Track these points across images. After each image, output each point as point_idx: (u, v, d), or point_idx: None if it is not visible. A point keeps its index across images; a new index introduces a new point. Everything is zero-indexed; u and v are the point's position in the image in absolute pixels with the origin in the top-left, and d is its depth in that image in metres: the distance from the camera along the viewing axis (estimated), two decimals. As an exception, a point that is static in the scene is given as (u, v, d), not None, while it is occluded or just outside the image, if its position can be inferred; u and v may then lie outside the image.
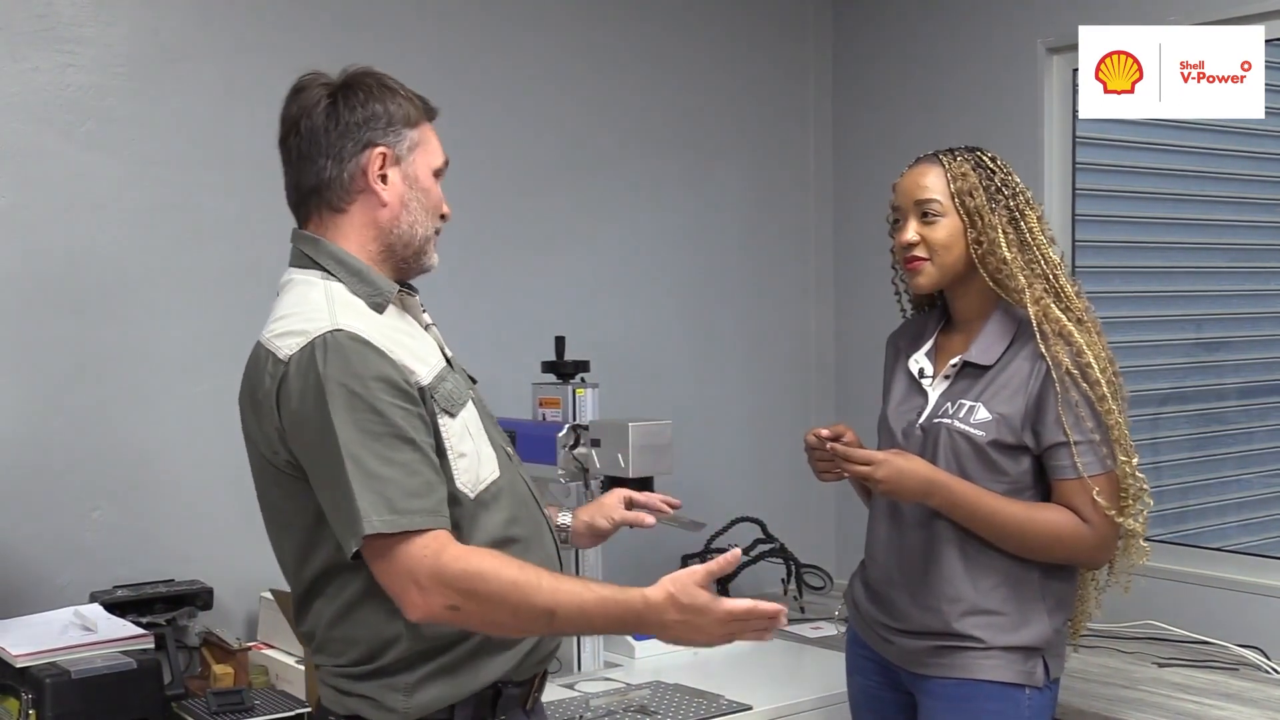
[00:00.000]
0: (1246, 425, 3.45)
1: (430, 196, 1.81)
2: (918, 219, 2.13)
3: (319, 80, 1.80)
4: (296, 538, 1.72)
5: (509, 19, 3.22)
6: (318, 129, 1.76)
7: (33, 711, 2.19)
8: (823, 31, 3.81)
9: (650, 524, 2.05)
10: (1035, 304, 2.07)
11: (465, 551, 1.63)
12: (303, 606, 1.76)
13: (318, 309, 1.69)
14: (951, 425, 2.11)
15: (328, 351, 1.63)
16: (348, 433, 1.60)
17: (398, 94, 1.78)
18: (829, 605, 3.33)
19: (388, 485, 1.60)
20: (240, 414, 1.77)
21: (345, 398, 1.61)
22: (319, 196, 1.78)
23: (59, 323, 2.62)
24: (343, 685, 1.72)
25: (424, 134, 1.81)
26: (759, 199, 3.72)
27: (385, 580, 1.63)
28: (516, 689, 1.78)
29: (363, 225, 1.77)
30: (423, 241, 1.80)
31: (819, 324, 3.83)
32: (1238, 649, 2.78)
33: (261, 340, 1.72)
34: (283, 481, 1.70)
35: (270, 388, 1.66)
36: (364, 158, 1.75)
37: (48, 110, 2.60)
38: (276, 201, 2.86)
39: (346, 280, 1.74)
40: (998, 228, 2.08)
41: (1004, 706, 2.09)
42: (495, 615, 1.62)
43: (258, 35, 2.85)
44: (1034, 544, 2.07)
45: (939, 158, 2.15)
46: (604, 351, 3.06)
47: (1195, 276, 3.58)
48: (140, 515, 2.70)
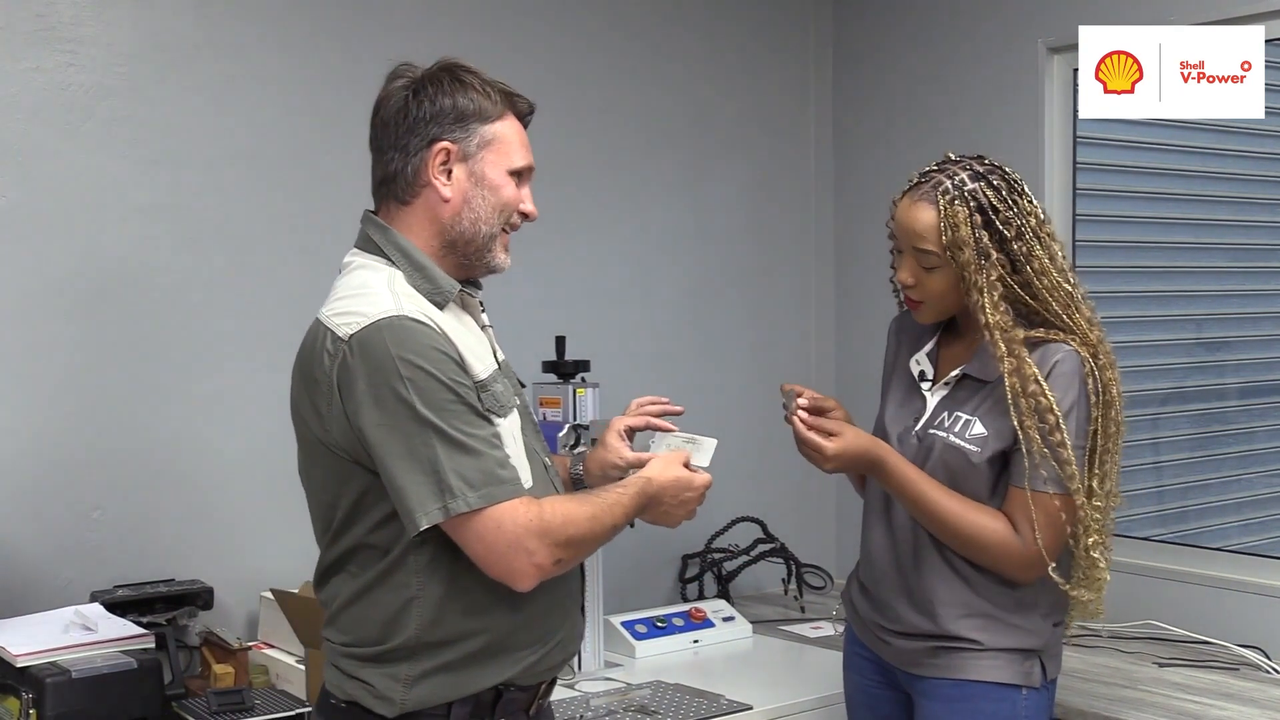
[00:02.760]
0: (1247, 425, 3.44)
1: (499, 195, 1.79)
2: (914, 262, 2.07)
3: (405, 73, 1.80)
4: (333, 514, 1.74)
5: (509, 20, 3.22)
6: (389, 121, 1.78)
7: (33, 711, 2.20)
8: (823, 31, 3.81)
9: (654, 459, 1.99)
10: (1011, 375, 1.99)
11: (551, 504, 1.70)
12: (324, 578, 1.79)
13: (381, 294, 1.70)
14: (946, 439, 2.10)
15: (395, 333, 1.65)
16: (428, 410, 1.63)
17: (471, 88, 1.77)
18: (829, 605, 3.33)
19: (481, 458, 1.65)
20: (291, 388, 1.78)
21: (420, 376, 1.64)
22: (388, 187, 1.80)
23: (59, 323, 2.62)
24: (346, 666, 1.74)
25: (500, 131, 1.79)
26: (759, 199, 3.72)
27: (488, 555, 1.66)
28: (520, 693, 1.78)
29: (425, 220, 1.78)
30: (486, 240, 1.79)
31: (819, 324, 3.83)
32: (1238, 649, 2.79)
33: (320, 317, 1.74)
34: (330, 459, 1.72)
35: (329, 366, 1.68)
36: (428, 152, 1.76)
37: (48, 110, 2.60)
38: (276, 201, 2.88)
39: (408, 273, 1.75)
40: (984, 290, 1.99)
41: (1000, 707, 2.09)
42: (585, 551, 1.75)
43: (258, 35, 2.85)
44: (963, 542, 2.05)
45: (936, 197, 2.02)
46: (604, 351, 3.06)
47: (1196, 276, 3.57)
48: (141, 515, 2.70)
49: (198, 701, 2.41)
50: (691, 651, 3.01)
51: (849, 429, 2.07)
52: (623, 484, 1.81)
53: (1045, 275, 2.03)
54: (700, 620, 3.09)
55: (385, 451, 1.64)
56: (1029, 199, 2.06)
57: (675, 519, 1.86)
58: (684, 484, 1.84)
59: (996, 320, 2.00)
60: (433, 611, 1.70)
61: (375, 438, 1.64)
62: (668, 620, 3.05)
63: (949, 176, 2.04)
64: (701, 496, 1.87)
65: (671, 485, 1.83)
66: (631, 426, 2.01)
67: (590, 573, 2.82)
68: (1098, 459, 2.05)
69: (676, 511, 1.85)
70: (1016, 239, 2.01)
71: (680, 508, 1.85)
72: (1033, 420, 1.99)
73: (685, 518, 1.87)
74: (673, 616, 3.07)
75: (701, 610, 3.12)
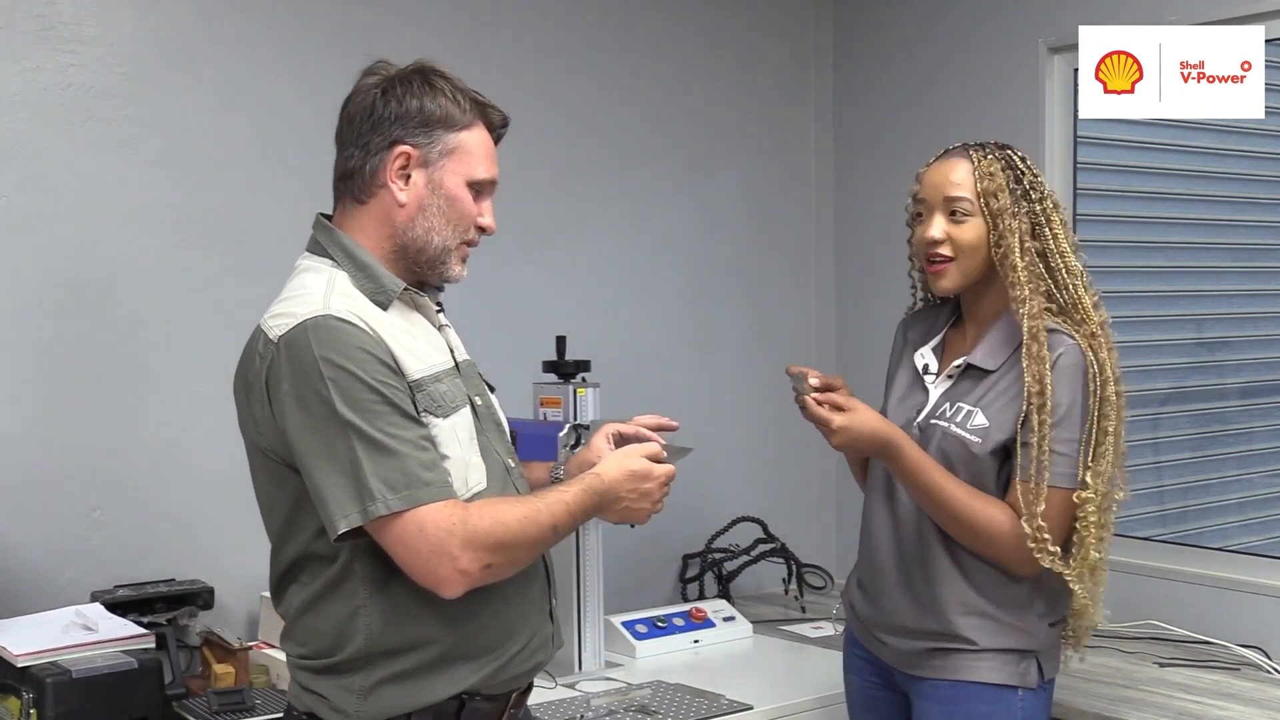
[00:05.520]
0: (1248, 425, 3.44)
1: (456, 207, 1.75)
2: (945, 216, 2.10)
3: (379, 70, 1.77)
4: (277, 521, 1.72)
5: (509, 20, 3.22)
6: (354, 116, 1.76)
7: (34, 711, 2.20)
8: (823, 31, 3.81)
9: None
10: (1031, 319, 2.03)
11: (479, 507, 1.64)
12: (278, 590, 1.76)
13: (314, 294, 1.68)
14: (948, 429, 2.10)
15: (319, 333, 1.62)
16: (349, 411, 1.59)
17: (441, 94, 1.74)
18: (829, 605, 3.33)
19: (403, 459, 1.60)
20: (234, 395, 1.76)
21: (343, 377, 1.60)
22: (345, 184, 1.78)
23: (59, 322, 2.62)
24: (303, 679, 1.72)
25: (465, 140, 1.75)
26: (759, 199, 3.72)
27: (411, 560, 1.60)
28: (486, 703, 1.73)
29: (379, 221, 1.75)
30: (439, 251, 1.76)
31: (819, 324, 3.83)
32: (1239, 649, 2.79)
33: (260, 321, 1.72)
34: (267, 464, 1.70)
35: (260, 368, 1.66)
36: (388, 154, 1.73)
37: (48, 110, 2.60)
38: (276, 201, 2.88)
39: (352, 273, 1.73)
40: (1016, 233, 2.05)
41: (996, 708, 2.09)
42: (519, 555, 1.67)
43: (258, 35, 2.85)
44: (966, 531, 2.05)
45: (969, 152, 2.11)
46: (605, 351, 3.06)
47: (1196, 276, 3.57)
48: (141, 515, 2.70)
49: (198, 701, 2.41)
50: (692, 651, 3.01)
51: (862, 406, 2.06)
52: (567, 483, 1.75)
53: (1059, 243, 2.09)
54: (701, 620, 3.09)
55: (306, 453, 1.61)
56: (1045, 179, 2.15)
57: (641, 513, 1.78)
58: (640, 475, 1.75)
59: (1025, 264, 2.05)
60: (381, 620, 1.67)
61: (297, 440, 1.61)
62: (668, 620, 3.05)
63: (976, 144, 2.14)
64: (664, 486, 1.78)
65: (626, 479, 1.74)
66: (621, 432, 1.94)
67: (590, 573, 2.83)
68: (1094, 441, 2.04)
69: (639, 505, 1.77)
70: (1040, 201, 2.09)
71: (642, 500, 1.76)
72: (1035, 378, 2.01)
73: (652, 510, 1.79)
74: (673, 616, 3.07)
75: (702, 610, 3.12)
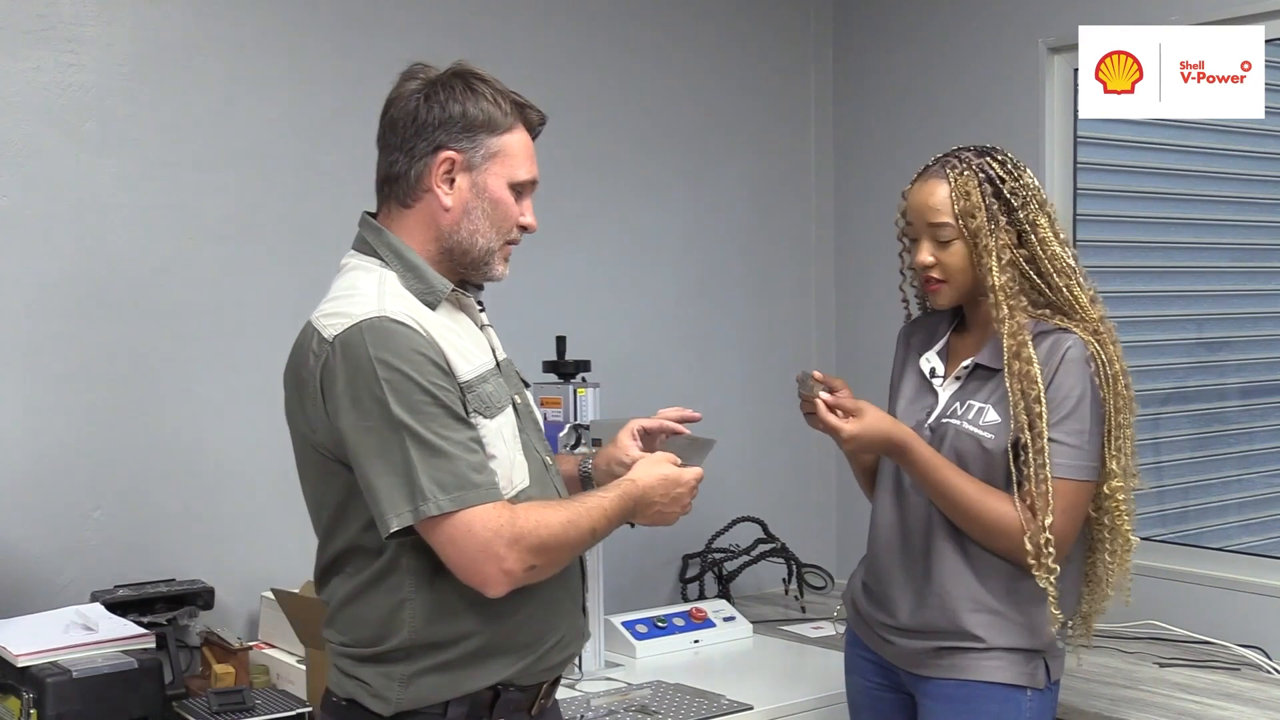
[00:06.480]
0: (1248, 425, 3.44)
1: (500, 209, 1.79)
2: (931, 241, 2.12)
3: (419, 73, 1.79)
4: (326, 515, 1.76)
5: (508, 20, 3.22)
6: (398, 121, 1.77)
7: (34, 711, 2.20)
8: (823, 31, 3.81)
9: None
10: (1011, 336, 2.05)
11: (525, 510, 1.69)
12: (323, 578, 1.80)
13: (367, 295, 1.71)
14: (960, 426, 2.11)
15: (375, 334, 1.65)
16: (403, 412, 1.63)
17: (483, 97, 1.76)
18: (829, 605, 3.33)
19: (454, 461, 1.64)
20: (284, 389, 1.79)
21: (397, 379, 1.64)
22: (390, 188, 1.80)
23: (59, 322, 2.62)
24: (345, 666, 1.76)
25: (507, 143, 1.78)
26: (759, 199, 3.72)
27: (458, 559, 1.65)
28: (519, 693, 1.78)
29: (424, 225, 1.78)
30: (483, 253, 1.80)
31: (819, 324, 3.83)
32: (1239, 649, 2.79)
33: (311, 319, 1.75)
34: (318, 459, 1.73)
35: (314, 366, 1.69)
36: (433, 159, 1.75)
37: (49, 110, 2.60)
38: (276, 202, 2.88)
39: (401, 273, 1.76)
40: (993, 251, 2.06)
41: (1005, 708, 2.09)
42: (561, 557, 1.72)
43: (258, 35, 2.85)
44: (979, 527, 2.07)
45: (946, 171, 2.11)
46: (604, 351, 3.06)
47: (1196, 276, 3.57)
48: (141, 515, 2.70)
49: (198, 701, 2.41)
50: (692, 651, 3.01)
51: (871, 408, 2.08)
52: (605, 488, 1.81)
53: (1048, 246, 2.09)
54: (701, 620, 3.09)
55: (360, 452, 1.65)
56: (1031, 176, 2.14)
57: (671, 516, 1.86)
58: (672, 481, 1.84)
59: (1003, 283, 2.06)
60: (426, 614, 1.71)
61: (352, 439, 1.65)
62: (668, 620, 3.05)
63: (954, 156, 2.13)
64: (694, 490, 1.87)
65: (659, 484, 1.83)
66: (646, 428, 2.01)
67: (591, 573, 2.82)
68: (1113, 437, 2.08)
69: (671, 509, 1.85)
70: (1022, 208, 2.09)
71: (673, 504, 1.85)
72: (1020, 395, 2.03)
73: (681, 513, 1.87)
74: (673, 616, 3.07)
75: (702, 610, 3.12)
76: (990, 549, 2.08)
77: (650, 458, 1.88)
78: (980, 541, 2.08)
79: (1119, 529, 2.11)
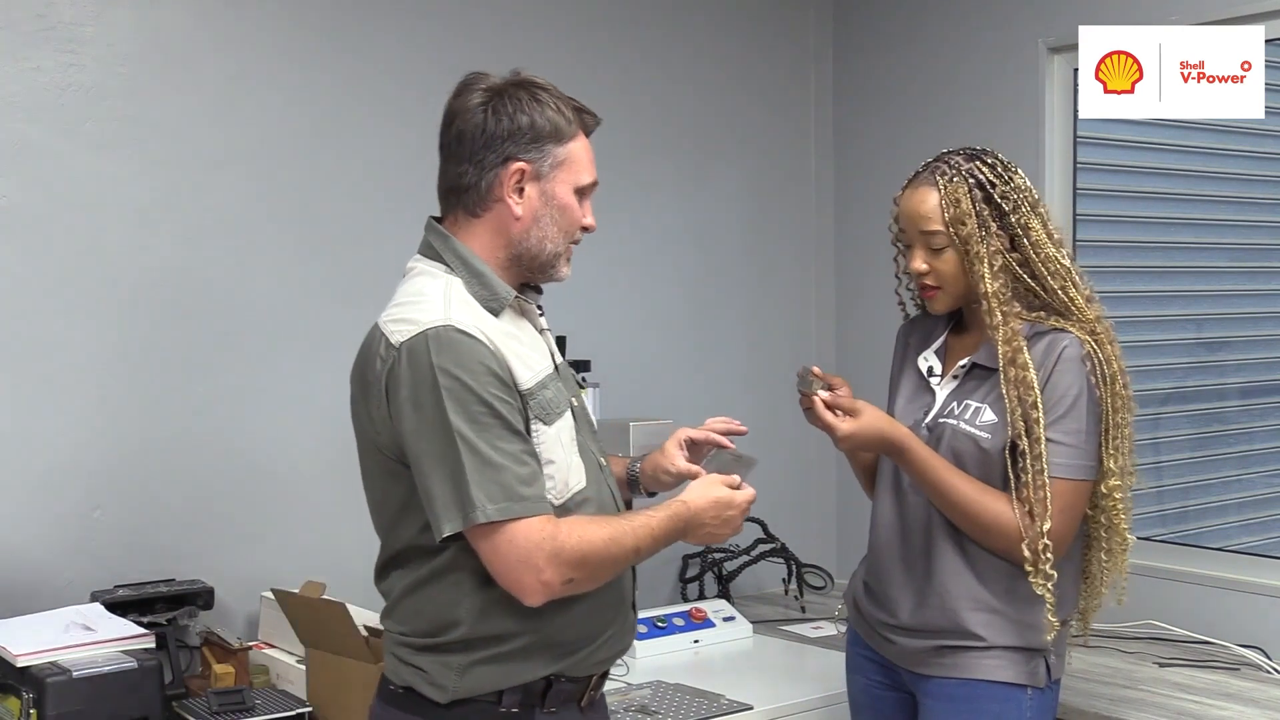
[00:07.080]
0: (1247, 425, 3.44)
1: (567, 214, 1.83)
2: (924, 248, 2.12)
3: (480, 83, 1.81)
4: (388, 513, 1.81)
5: (508, 21, 3.22)
6: (466, 133, 1.79)
7: (34, 711, 2.20)
8: (823, 31, 3.81)
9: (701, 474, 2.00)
10: (1005, 343, 2.05)
11: (569, 525, 1.72)
12: (384, 570, 1.85)
13: (434, 302, 1.75)
14: (957, 426, 2.11)
15: (440, 343, 1.69)
16: (460, 421, 1.67)
17: (548, 107, 1.80)
18: (829, 605, 3.33)
19: (503, 473, 1.68)
20: (350, 389, 1.83)
21: (457, 388, 1.68)
22: (457, 198, 1.83)
23: (58, 323, 2.62)
24: (403, 655, 1.80)
25: (572, 151, 1.83)
26: (759, 199, 3.72)
27: (499, 567, 1.70)
28: (570, 684, 1.83)
29: (494, 233, 1.82)
30: (551, 257, 1.84)
31: (819, 324, 3.83)
32: (1239, 649, 2.79)
33: (379, 322, 1.78)
34: (382, 460, 1.78)
35: (380, 370, 1.73)
36: (503, 170, 1.78)
37: (49, 110, 2.60)
38: (277, 201, 2.88)
39: (466, 280, 1.79)
40: (985, 258, 2.05)
41: (1006, 707, 2.09)
42: (601, 573, 1.77)
43: (258, 35, 2.85)
44: (976, 526, 2.07)
45: (935, 179, 2.10)
46: (605, 351, 3.06)
47: (1196, 276, 3.57)
48: (141, 515, 2.70)
49: (198, 701, 2.41)
50: (692, 651, 3.01)
51: (868, 407, 2.09)
52: (656, 508, 1.84)
53: (1041, 248, 2.09)
54: (700, 620, 3.09)
55: (419, 456, 1.70)
56: (1022, 177, 2.13)
57: (721, 537, 1.90)
58: (724, 503, 1.87)
59: (995, 290, 2.05)
60: (481, 610, 1.76)
61: (411, 443, 1.71)
62: (668, 620, 3.05)
63: (944, 162, 2.12)
64: (745, 511, 1.91)
65: (711, 506, 1.86)
66: (693, 438, 2.04)
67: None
68: (1110, 437, 2.08)
69: (721, 530, 1.89)
70: (1014, 211, 2.08)
71: (724, 526, 1.88)
72: (1017, 400, 2.03)
73: (732, 534, 1.91)
74: (673, 616, 3.07)
75: (702, 610, 3.12)
76: (988, 548, 2.09)
77: (702, 480, 1.91)
78: (978, 541, 2.09)
79: (1116, 527, 2.12)
